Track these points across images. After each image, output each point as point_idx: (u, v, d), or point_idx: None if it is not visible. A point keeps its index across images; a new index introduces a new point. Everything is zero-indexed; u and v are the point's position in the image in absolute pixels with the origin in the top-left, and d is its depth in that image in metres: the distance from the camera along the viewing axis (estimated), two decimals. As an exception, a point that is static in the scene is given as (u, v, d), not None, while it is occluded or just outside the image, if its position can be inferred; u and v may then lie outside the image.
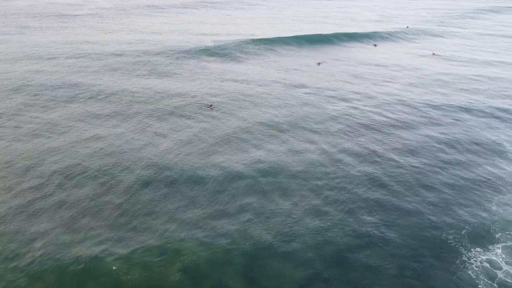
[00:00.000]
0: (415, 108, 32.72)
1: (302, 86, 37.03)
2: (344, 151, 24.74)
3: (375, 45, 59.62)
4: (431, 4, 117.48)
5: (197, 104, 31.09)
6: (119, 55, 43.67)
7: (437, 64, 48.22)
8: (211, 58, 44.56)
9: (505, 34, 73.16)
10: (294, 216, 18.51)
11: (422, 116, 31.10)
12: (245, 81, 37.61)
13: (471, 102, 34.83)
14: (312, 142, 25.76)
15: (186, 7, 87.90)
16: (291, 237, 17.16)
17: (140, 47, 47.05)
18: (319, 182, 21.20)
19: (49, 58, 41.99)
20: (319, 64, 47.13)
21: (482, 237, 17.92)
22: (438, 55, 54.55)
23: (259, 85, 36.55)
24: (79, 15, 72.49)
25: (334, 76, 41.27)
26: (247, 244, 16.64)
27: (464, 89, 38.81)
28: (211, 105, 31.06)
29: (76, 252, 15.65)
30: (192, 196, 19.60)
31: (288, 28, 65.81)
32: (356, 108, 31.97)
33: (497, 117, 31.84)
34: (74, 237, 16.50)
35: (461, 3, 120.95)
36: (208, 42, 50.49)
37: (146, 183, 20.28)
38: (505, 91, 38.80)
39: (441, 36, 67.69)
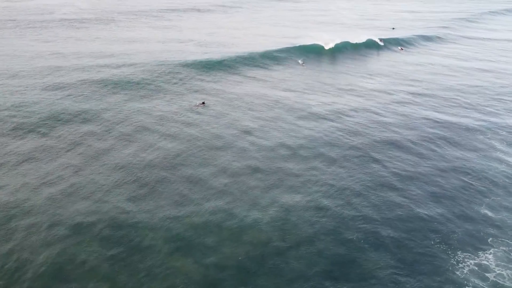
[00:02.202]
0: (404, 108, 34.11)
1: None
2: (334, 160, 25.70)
3: (381, 40, 61.23)
4: (410, 6, 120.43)
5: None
6: (102, 67, 43.33)
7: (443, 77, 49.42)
8: (203, 75, 42.27)
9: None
10: (287, 226, 19.24)
11: (403, 116, 32.46)
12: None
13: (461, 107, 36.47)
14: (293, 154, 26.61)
15: (166, 12, 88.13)
16: (284, 248, 17.88)
17: (124, 60, 46.40)
18: (309, 190, 22.03)
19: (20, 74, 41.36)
20: (303, 64, 48.44)
21: (473, 241, 19.04)
22: (406, 50, 57.00)
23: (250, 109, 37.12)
24: (56, 20, 71.96)
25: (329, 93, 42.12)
26: (239, 258, 17.26)
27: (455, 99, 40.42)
28: (203, 102, 32.34)
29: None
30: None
31: (275, 34, 66.57)
32: (344, 123, 32.93)
33: (484, 119, 33.43)
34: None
35: (440, 6, 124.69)
36: (197, 54, 49.87)
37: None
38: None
39: (433, 41, 68.74)
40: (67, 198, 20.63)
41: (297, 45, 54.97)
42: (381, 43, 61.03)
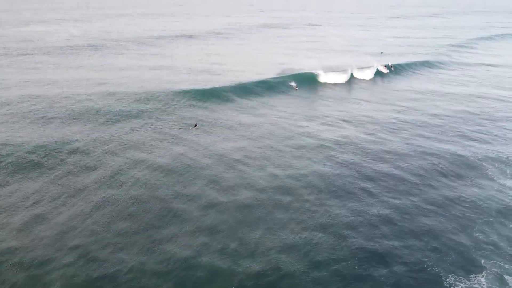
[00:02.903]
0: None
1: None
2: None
3: (385, 66, 62.06)
4: (395, 32, 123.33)
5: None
6: (88, 98, 43.55)
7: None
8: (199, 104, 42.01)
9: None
10: (280, 254, 19.26)
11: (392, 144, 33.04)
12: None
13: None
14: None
15: (158, 39, 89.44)
16: (278, 277, 17.94)
17: (114, 87, 46.80)
18: (302, 215, 22.17)
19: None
20: (296, 87, 49.26)
21: (465, 265, 19.25)
22: (398, 73, 58.39)
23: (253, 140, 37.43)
24: (47, 47, 72.61)
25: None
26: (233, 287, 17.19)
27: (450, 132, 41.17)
28: (196, 124, 34.53)
29: None
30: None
31: (267, 61, 67.55)
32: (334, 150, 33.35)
33: (472, 144, 34.14)
34: None
35: (426, 32, 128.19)
36: (188, 81, 50.43)
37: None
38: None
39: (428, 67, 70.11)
40: (48, 222, 20.62)
41: (291, 73, 54.97)
42: (386, 71, 61.41)
